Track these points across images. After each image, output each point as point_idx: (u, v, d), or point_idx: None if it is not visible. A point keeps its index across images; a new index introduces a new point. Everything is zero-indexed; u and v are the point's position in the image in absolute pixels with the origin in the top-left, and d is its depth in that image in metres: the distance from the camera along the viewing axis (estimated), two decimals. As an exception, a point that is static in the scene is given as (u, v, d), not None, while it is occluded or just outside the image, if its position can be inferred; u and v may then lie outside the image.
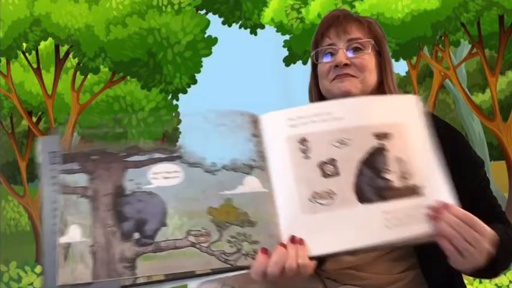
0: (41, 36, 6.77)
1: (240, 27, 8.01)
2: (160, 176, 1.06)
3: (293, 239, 1.08)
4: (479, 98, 11.34)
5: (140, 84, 7.06)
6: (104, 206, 1.01)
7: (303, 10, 6.76)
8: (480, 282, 6.00)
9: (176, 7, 6.70)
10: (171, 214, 1.04)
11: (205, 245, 1.03)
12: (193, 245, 1.03)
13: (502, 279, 6.03)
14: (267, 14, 7.05)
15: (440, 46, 7.20)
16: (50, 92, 7.28)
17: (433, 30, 6.36)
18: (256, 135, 1.12)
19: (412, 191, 1.09)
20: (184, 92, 7.06)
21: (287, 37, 7.28)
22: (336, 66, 1.49)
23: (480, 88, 11.78)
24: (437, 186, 1.11)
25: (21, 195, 8.27)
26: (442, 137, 1.38)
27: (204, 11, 7.62)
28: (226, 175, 1.08)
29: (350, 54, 1.50)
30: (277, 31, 7.18)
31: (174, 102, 7.82)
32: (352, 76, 1.48)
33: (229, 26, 7.98)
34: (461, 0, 6.12)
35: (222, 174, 1.08)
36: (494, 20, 6.63)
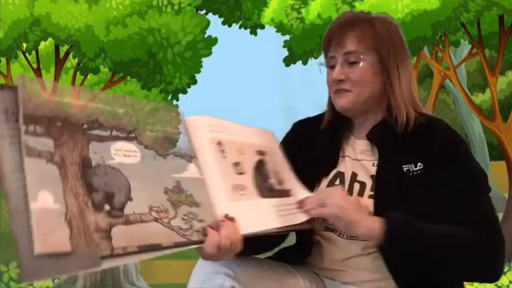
0: (41, 37, 6.78)
1: (240, 28, 8.01)
2: (121, 154, 1.08)
3: (230, 218, 1.23)
4: (479, 98, 11.34)
5: (140, 84, 7.07)
6: (73, 175, 0.98)
7: (303, 10, 6.76)
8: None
9: (176, 7, 6.70)
10: (135, 190, 1.06)
11: (166, 220, 1.08)
12: (156, 220, 1.07)
13: (503, 279, 6.03)
14: (267, 14, 7.05)
15: (440, 46, 7.20)
16: (50, 92, 7.28)
17: (433, 30, 6.36)
18: (184, 133, 1.25)
19: (285, 193, 1.40)
20: (184, 92, 7.06)
21: (287, 37, 7.28)
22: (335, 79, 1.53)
23: (480, 88, 11.78)
24: (298, 189, 1.44)
25: (21, 195, 8.27)
26: (439, 142, 1.42)
27: (204, 11, 7.62)
28: (174, 160, 1.17)
29: (346, 68, 1.52)
30: (277, 31, 7.18)
31: (174, 102, 7.82)
32: (348, 91, 1.52)
33: (229, 26, 7.98)
34: (461, 0, 6.12)
35: (171, 159, 1.17)
36: (494, 20, 6.63)
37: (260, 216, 1.32)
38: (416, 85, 8.57)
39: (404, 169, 1.48)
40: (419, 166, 1.47)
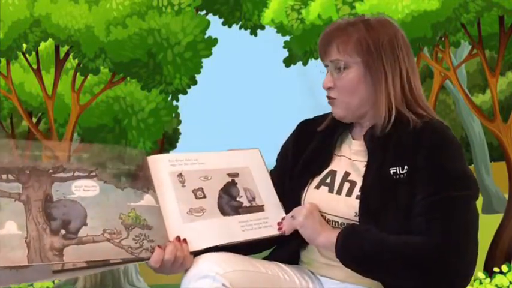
0: (41, 37, 6.77)
1: (240, 28, 8.00)
2: (81, 189, 1.35)
3: (178, 238, 1.44)
4: (479, 98, 11.34)
5: (140, 85, 7.06)
6: (36, 208, 1.27)
7: (303, 11, 6.75)
8: (480, 283, 6.00)
9: (176, 8, 6.70)
10: (91, 217, 1.33)
11: (117, 240, 1.34)
12: (107, 240, 1.33)
13: (503, 280, 6.03)
14: (267, 14, 7.04)
15: (440, 47, 7.19)
16: (50, 93, 7.28)
17: (433, 31, 6.36)
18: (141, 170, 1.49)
19: (257, 208, 1.60)
20: (185, 92, 7.05)
21: (287, 38, 7.27)
22: None
23: (480, 89, 11.78)
24: (273, 204, 1.63)
25: (21, 196, 8.26)
26: (425, 145, 1.42)
27: (204, 12, 7.62)
28: (131, 192, 1.43)
29: (335, 75, 1.54)
30: (277, 32, 7.17)
31: (174, 103, 7.81)
32: (334, 98, 1.55)
33: (230, 26, 7.98)
34: (461, 1, 6.11)
35: (128, 191, 1.43)
36: (494, 21, 6.63)
37: (215, 232, 1.52)
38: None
39: (391, 171, 1.48)
40: (406, 169, 1.47)
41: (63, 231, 1.28)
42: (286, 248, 1.61)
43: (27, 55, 7.09)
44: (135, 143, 7.56)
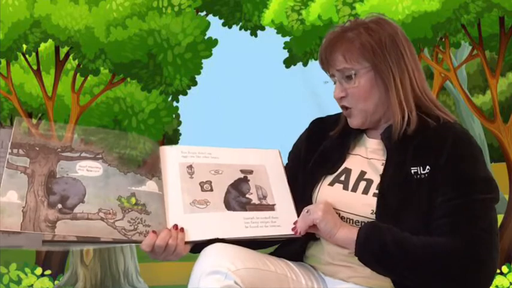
0: (41, 38, 6.77)
1: (240, 29, 8.01)
2: (85, 169, 1.42)
3: (176, 227, 1.46)
4: (479, 99, 11.34)
5: (140, 85, 7.06)
6: (38, 182, 1.36)
7: (303, 12, 6.75)
8: (481, 284, 5.99)
9: (176, 9, 6.70)
10: (89, 195, 1.39)
11: (111, 220, 1.39)
12: (102, 219, 1.38)
13: (503, 280, 6.03)
14: (267, 15, 7.04)
15: (440, 48, 7.19)
16: (50, 94, 7.27)
17: (434, 31, 6.36)
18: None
19: (267, 207, 1.59)
20: (185, 93, 7.05)
21: (287, 39, 7.27)
22: None
23: (481, 90, 11.78)
24: (285, 205, 1.60)
25: (21, 197, 8.26)
26: (447, 146, 1.41)
27: (204, 13, 7.62)
28: (134, 177, 1.47)
29: (345, 84, 1.53)
30: (277, 33, 7.17)
31: (174, 103, 7.81)
32: (348, 108, 1.54)
33: (230, 27, 7.98)
34: (461, 2, 6.11)
35: (131, 176, 1.47)
36: (494, 22, 6.63)
37: (215, 226, 1.52)
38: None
39: (412, 171, 1.46)
40: (427, 169, 1.46)
41: (59, 206, 1.36)
42: (291, 246, 1.61)
43: (27, 56, 7.08)
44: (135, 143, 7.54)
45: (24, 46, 6.85)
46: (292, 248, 1.60)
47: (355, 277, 1.50)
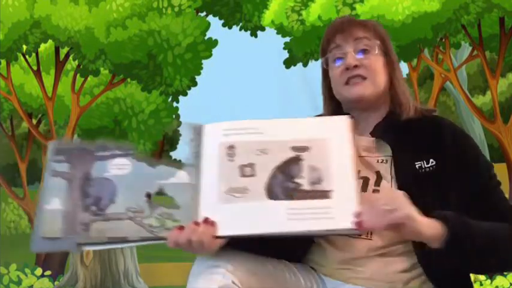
0: (41, 39, 6.77)
1: (240, 30, 8.01)
2: (116, 167, 1.42)
3: (206, 220, 1.34)
4: (479, 100, 11.35)
5: (140, 86, 7.06)
6: (76, 186, 1.40)
7: (303, 12, 6.75)
8: (481, 285, 6.00)
9: (176, 9, 6.70)
10: (119, 195, 1.39)
11: (138, 219, 1.37)
12: (130, 218, 1.37)
13: (503, 281, 6.03)
14: (267, 16, 7.04)
15: (440, 48, 7.20)
16: (50, 94, 7.28)
17: (434, 32, 6.36)
18: (193, 140, 1.43)
19: (320, 194, 1.33)
20: (185, 94, 7.06)
21: (287, 39, 7.28)
22: (347, 68, 1.50)
23: (481, 90, 11.78)
24: (345, 191, 1.33)
25: (21, 197, 8.27)
26: (450, 138, 1.41)
27: (204, 13, 7.62)
28: (163, 169, 1.42)
29: (359, 56, 1.51)
30: (277, 33, 7.18)
31: (174, 104, 7.81)
32: (363, 78, 1.49)
33: (230, 28, 7.98)
34: (462, 2, 6.11)
35: (160, 168, 1.42)
36: (494, 22, 6.63)
37: (252, 218, 1.32)
38: (416, 87, 8.55)
39: (417, 166, 1.46)
40: (432, 163, 1.45)
41: (94, 208, 1.39)
42: (293, 250, 1.59)
43: (27, 56, 7.08)
44: (135, 144, 7.55)
45: (24, 47, 6.86)
46: (293, 252, 1.57)
47: (354, 278, 1.50)
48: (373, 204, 1.30)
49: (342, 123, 1.39)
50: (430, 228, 1.33)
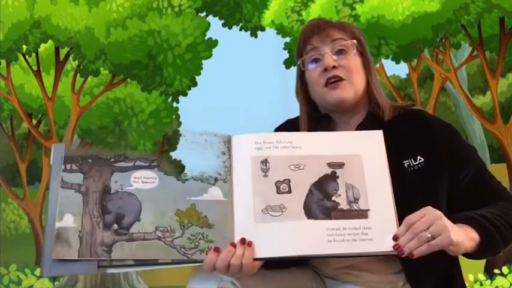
0: (41, 39, 6.77)
1: (240, 30, 8.00)
2: (140, 180, 1.30)
3: (243, 241, 1.25)
4: (480, 100, 11.31)
5: (140, 86, 7.05)
6: (93, 200, 1.26)
7: (303, 12, 6.74)
8: (481, 285, 5.99)
9: (176, 9, 6.69)
10: (145, 212, 1.27)
11: (169, 239, 1.26)
12: (159, 238, 1.26)
13: (503, 281, 6.02)
14: (268, 16, 7.03)
15: (440, 48, 7.19)
16: (50, 95, 7.27)
17: (434, 32, 6.35)
18: (225, 152, 1.33)
19: (358, 214, 1.28)
20: (185, 94, 7.05)
21: (287, 39, 7.27)
22: (325, 69, 1.50)
23: (481, 90, 11.76)
24: (382, 210, 1.28)
25: (21, 197, 8.26)
26: (435, 131, 1.42)
27: (204, 13, 7.61)
28: (194, 184, 1.31)
29: (336, 57, 1.51)
30: (277, 33, 7.17)
31: (175, 104, 7.80)
32: (342, 79, 1.50)
33: (230, 28, 7.97)
34: (461, 3, 6.11)
35: (191, 183, 1.31)
36: (495, 22, 6.63)
37: (291, 239, 1.24)
38: (416, 87, 8.56)
39: (405, 164, 1.46)
40: (420, 160, 1.45)
41: (115, 226, 1.26)
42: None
43: (27, 56, 7.08)
44: (135, 144, 7.55)
45: (24, 47, 6.85)
46: (294, 261, 1.55)
47: (354, 280, 1.50)
48: (413, 229, 1.24)
49: (376, 138, 1.35)
50: (469, 242, 1.30)
